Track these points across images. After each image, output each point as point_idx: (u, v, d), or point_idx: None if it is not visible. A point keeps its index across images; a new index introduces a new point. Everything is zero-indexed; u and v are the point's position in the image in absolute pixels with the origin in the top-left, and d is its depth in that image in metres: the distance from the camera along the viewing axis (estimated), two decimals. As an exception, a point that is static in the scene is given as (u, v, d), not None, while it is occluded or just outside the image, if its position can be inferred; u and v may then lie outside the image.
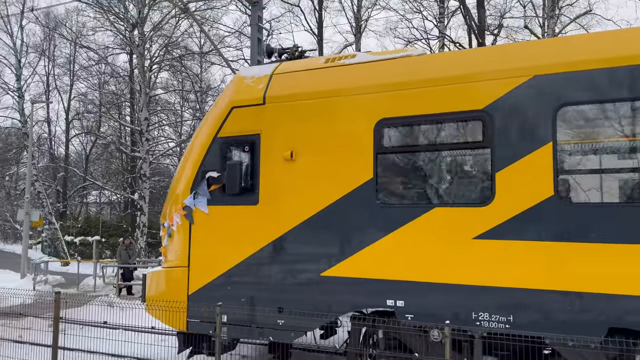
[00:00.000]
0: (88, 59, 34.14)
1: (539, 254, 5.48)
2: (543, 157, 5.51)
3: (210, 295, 7.03)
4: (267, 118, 7.09)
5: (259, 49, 14.09)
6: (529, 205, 5.53)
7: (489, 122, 5.79)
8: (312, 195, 6.66)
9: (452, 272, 5.84)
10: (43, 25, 35.46)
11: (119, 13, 27.95)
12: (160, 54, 30.49)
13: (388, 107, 6.35)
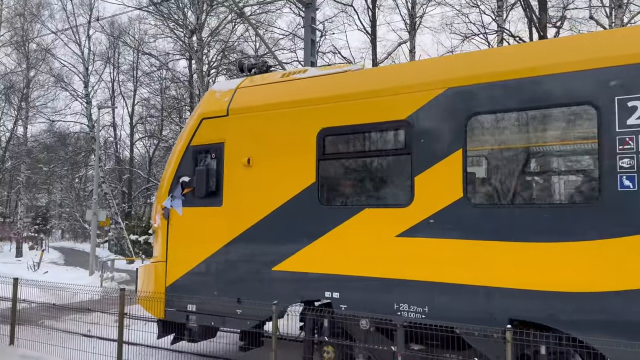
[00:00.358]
0: (150, 65, 35.53)
1: (449, 251, 6.00)
2: (454, 162, 6.03)
3: (184, 287, 7.91)
4: (230, 128, 7.89)
5: (312, 50, 14.15)
6: (442, 206, 6.07)
7: (409, 131, 6.37)
8: (266, 198, 7.41)
9: (377, 267, 6.45)
10: (108, 34, 37.24)
11: (178, 20, 28.93)
12: (217, 59, 31.30)
13: (328, 118, 7.01)
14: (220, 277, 7.68)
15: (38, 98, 40.51)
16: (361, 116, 6.79)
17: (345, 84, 7.22)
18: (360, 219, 6.64)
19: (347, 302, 6.64)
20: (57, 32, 36.48)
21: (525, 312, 5.57)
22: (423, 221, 6.18)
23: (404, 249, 6.30)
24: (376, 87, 6.82)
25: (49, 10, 40.00)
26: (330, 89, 7.23)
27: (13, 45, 39.25)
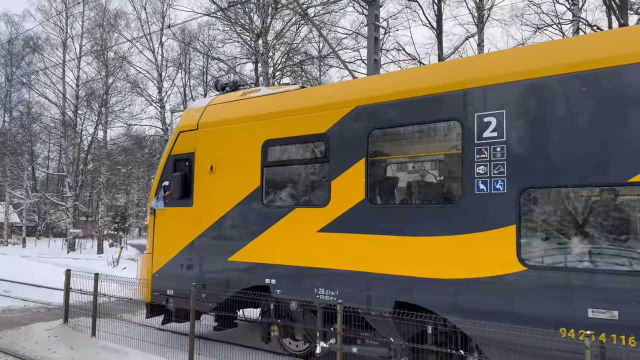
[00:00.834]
0: (218, 70, 36.68)
1: (354, 244, 7.10)
2: (359, 169, 7.14)
3: (165, 275, 9.48)
4: (198, 140, 9.29)
5: (376, 47, 14.01)
6: (350, 206, 7.19)
7: (328, 143, 7.54)
8: (224, 199, 8.70)
9: (303, 258, 7.63)
10: (179, 41, 38.80)
11: (244, 24, 29.64)
12: (282, 61, 31.79)
13: (269, 131, 8.27)
14: (192, 266, 9.15)
15: (116, 103, 42.99)
16: (293, 130, 8.02)
17: (283, 103, 8.50)
18: (291, 217, 7.88)
19: (280, 287, 7.88)
20: (132, 40, 38.56)
21: (406, 296, 6.61)
22: (337, 219, 7.34)
23: (322, 242, 7.45)
24: (305, 105, 8.06)
25: (125, 20, 42.33)
26: (273, 107, 8.56)
27: (93, 54, 41.88)
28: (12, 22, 47.61)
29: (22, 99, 48.36)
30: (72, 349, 9.33)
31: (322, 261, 7.41)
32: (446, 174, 6.93)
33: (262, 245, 8.14)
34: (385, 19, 25.86)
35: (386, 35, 26.40)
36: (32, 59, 45.92)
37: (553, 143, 5.68)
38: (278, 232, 7.98)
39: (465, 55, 24.45)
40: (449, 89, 6.48)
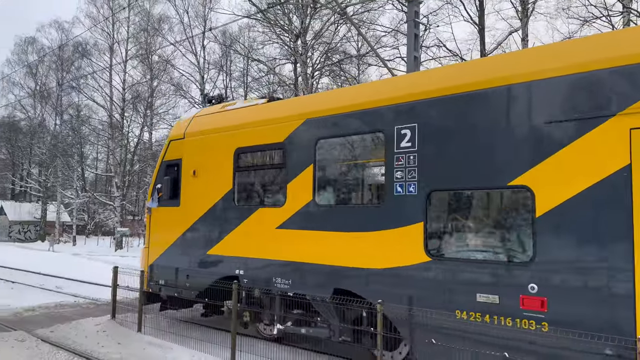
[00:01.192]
0: (258, 71, 37.12)
1: (304, 239, 8.08)
2: (309, 173, 8.11)
3: (158, 266, 10.71)
4: (185, 148, 10.51)
5: (416, 44, 13.82)
6: (301, 206, 8.16)
7: (285, 150, 8.57)
8: (204, 200, 9.86)
9: (264, 251, 8.67)
10: (220, 43, 39.50)
11: (284, 25, 29.87)
12: (320, 61, 31.85)
13: (240, 140, 9.37)
14: (178, 258, 10.27)
15: (160, 106, 44.26)
16: (259, 139, 9.09)
17: (252, 115, 9.55)
18: (256, 215, 8.93)
19: (247, 277, 8.92)
20: (175, 43, 39.52)
21: (342, 284, 7.56)
22: (291, 217, 8.32)
23: (279, 238, 8.46)
24: (268, 117, 9.15)
25: (168, 24, 43.45)
26: (244, 118, 9.60)
27: (139, 58, 43.21)
28: (62, 29, 49.77)
29: (72, 103, 50.39)
30: (120, 343, 9.64)
31: (279, 254, 8.48)
32: (374, 179, 7.85)
33: (233, 240, 9.28)
34: (425, 15, 25.48)
35: (426, 32, 26.03)
36: (81, 63, 47.84)
37: (452, 152, 6.58)
38: (245, 229, 9.10)
39: (509, 51, 23.81)
40: (376, 105, 7.51)
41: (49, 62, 50.50)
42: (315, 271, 7.88)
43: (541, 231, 5.79)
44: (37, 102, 52.49)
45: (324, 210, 7.96)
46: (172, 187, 10.52)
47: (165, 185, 10.57)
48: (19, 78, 52.55)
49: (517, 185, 6.02)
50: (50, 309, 12.94)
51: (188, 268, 10.01)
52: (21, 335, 9.77)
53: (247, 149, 9.30)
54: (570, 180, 5.64)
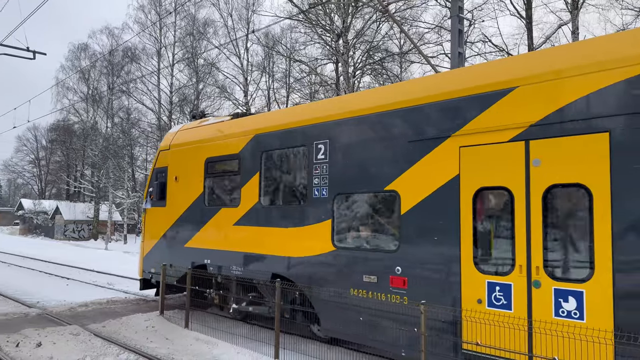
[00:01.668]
0: (300, 72, 37.34)
1: (252, 233, 9.87)
2: (256, 180, 9.94)
3: (150, 257, 12.73)
4: (170, 157, 12.42)
5: (460, 40, 13.53)
6: (250, 206, 9.98)
7: (240, 160, 10.34)
8: (183, 201, 11.77)
9: (224, 244, 10.49)
10: (263, 45, 39.95)
11: (325, 25, 29.92)
12: (362, 60, 31.71)
13: (209, 151, 11.21)
14: (164, 251, 12.23)
15: (206, 108, 45.11)
16: (222, 150, 10.88)
17: (218, 130, 11.34)
18: (220, 214, 10.73)
19: (212, 265, 10.78)
20: (220, 46, 40.28)
21: (277, 269, 9.28)
22: (243, 215, 10.13)
23: (235, 232, 10.25)
24: (229, 132, 10.93)
25: (213, 28, 44.30)
26: (212, 133, 11.44)
27: (185, 62, 44.30)
28: (112, 35, 51.52)
29: (122, 106, 52.13)
30: (168, 339, 9.90)
31: (235, 246, 10.24)
32: (300, 184, 9.24)
33: (203, 235, 11.09)
34: (469, 10, 24.93)
35: (471, 27, 25.44)
36: (131, 68, 49.42)
37: (349, 164, 8.28)
38: (212, 226, 10.89)
39: (558, 44, 22.94)
40: (303, 124, 9.21)
41: (100, 67, 52.45)
42: (259, 259, 9.72)
43: (404, 225, 7.44)
44: (89, 106, 54.63)
45: (265, 209, 9.75)
46: (160, 190, 12.46)
47: (155, 189, 12.59)
48: (72, 83, 54.85)
49: (389, 190, 7.69)
50: (102, 305, 13.44)
51: (170, 258, 11.96)
52: (75, 329, 10.20)
53: (214, 158, 11.11)
54: (423, 186, 7.25)
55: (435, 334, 6.79)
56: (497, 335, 6.28)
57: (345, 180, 8.29)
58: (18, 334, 9.67)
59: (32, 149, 78.87)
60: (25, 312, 12.19)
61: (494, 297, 6.46)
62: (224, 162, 10.84)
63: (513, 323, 6.12)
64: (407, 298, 7.21)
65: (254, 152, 10.03)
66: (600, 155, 5.75)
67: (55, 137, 65.67)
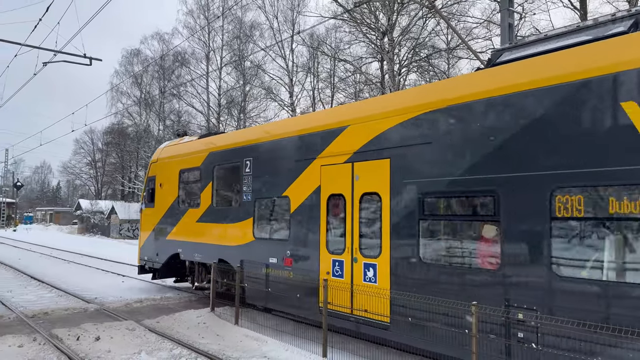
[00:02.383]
0: (345, 71, 37.31)
1: (206, 228, 12.80)
2: (210, 187, 12.77)
3: (144, 248, 15.91)
4: (157, 168, 15.70)
5: (510, 35, 13.15)
6: (207, 207, 12.85)
7: (200, 171, 13.24)
8: (165, 203, 14.85)
9: (191, 237, 13.41)
10: (308, 46, 40.20)
11: (370, 24, 29.75)
12: (408, 57, 31.32)
13: (182, 164, 14.26)
14: (153, 242, 15.34)
15: (253, 109, 45.86)
16: (189, 164, 13.91)
17: (188, 147, 14.45)
18: (188, 213, 13.71)
19: (183, 254, 13.88)
20: (266, 49, 40.81)
21: (221, 255, 12.17)
22: (202, 214, 13.02)
23: (197, 228, 13.18)
24: (194, 149, 13.95)
25: (259, 31, 44.95)
26: (184, 150, 14.59)
27: (232, 65, 45.16)
28: (163, 40, 53.16)
29: (173, 109, 53.68)
30: (219, 335, 10.13)
31: (197, 238, 13.21)
32: (236, 190, 12.01)
33: (178, 230, 14.18)
34: (520, 3, 24.17)
35: (521, 20, 24.68)
36: (181, 72, 50.83)
37: (263, 176, 11.14)
38: (183, 222, 13.93)
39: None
40: (238, 145, 12.11)
41: (152, 71, 54.22)
42: (211, 248, 12.58)
43: (292, 221, 10.23)
44: (142, 109, 56.62)
45: (215, 210, 12.66)
46: (150, 194, 15.80)
47: (147, 193, 16.07)
48: (126, 88, 56.97)
49: (284, 195, 10.49)
50: (156, 301, 13.90)
51: (156, 248, 15.14)
52: (131, 324, 10.59)
53: (185, 169, 14.15)
54: (302, 192, 10.01)
55: (304, 297, 9.67)
56: (336, 295, 8.89)
57: (261, 188, 11.14)
58: (78, 328, 10.14)
59: (89, 152, 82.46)
60: (85, 308, 12.77)
61: (335, 270, 9.15)
62: (191, 173, 13.87)
63: (343, 287, 8.84)
64: (292, 273, 10.05)
65: (209, 165, 12.96)
66: (385, 173, 8.32)
67: (111, 139, 68.38)
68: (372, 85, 32.58)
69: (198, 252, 13.11)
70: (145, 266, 15.74)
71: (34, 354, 8.68)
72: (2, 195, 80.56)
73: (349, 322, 8.70)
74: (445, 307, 7.11)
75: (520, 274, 6.46)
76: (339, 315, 8.85)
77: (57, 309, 12.48)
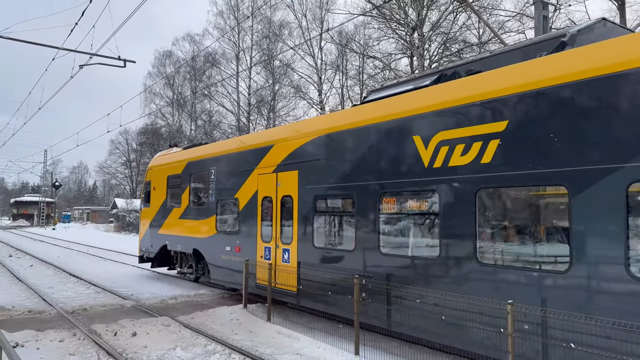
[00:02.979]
0: (374, 68, 37.08)
1: (185, 223, 15.86)
2: (188, 189, 15.85)
3: (142, 241, 19.10)
4: (152, 174, 18.85)
5: (545, 27, 12.81)
6: (185, 206, 15.93)
7: (181, 178, 16.34)
8: (157, 203, 17.94)
9: (175, 231, 16.48)
10: (337, 44, 40.12)
11: (399, 19, 29.49)
12: (438, 52, 30.91)
13: (169, 171, 17.24)
14: (149, 236, 18.36)
15: (282, 108, 46.11)
16: (174, 171, 16.85)
17: (173, 157, 17.63)
18: (173, 212, 16.58)
19: (169, 245, 16.79)
20: (295, 47, 40.94)
21: (195, 246, 15.25)
22: (182, 212, 16.01)
23: (179, 223, 16.13)
24: (177, 159, 17.01)
25: (288, 29, 45.11)
26: (171, 159, 17.65)
27: (262, 64, 45.50)
28: (194, 41, 53.92)
29: (205, 109, 54.36)
30: (251, 331, 10.23)
31: (179, 232, 16.09)
32: (205, 193, 14.83)
33: (166, 225, 17.05)
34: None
35: (556, 12, 24.04)
36: (211, 72, 51.48)
37: (222, 182, 13.99)
38: (170, 219, 16.90)
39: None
40: (206, 157, 15.00)
41: (183, 72, 55.10)
42: (188, 240, 15.52)
43: (240, 217, 12.93)
44: (174, 110, 57.60)
45: (192, 208, 15.52)
46: (147, 196, 18.94)
47: (145, 195, 19.24)
48: (158, 89, 58.05)
49: (235, 197, 13.19)
50: (190, 298, 14.14)
51: (151, 241, 18.15)
52: (166, 320, 10.80)
53: (171, 176, 17.05)
54: (246, 195, 12.73)
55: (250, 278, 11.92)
56: (265, 273, 11.34)
57: (221, 191, 14.00)
58: (116, 323, 10.40)
59: (124, 152, 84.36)
60: (121, 304, 13.10)
61: (265, 254, 11.88)
62: (175, 178, 16.75)
63: (269, 267, 11.20)
64: (241, 258, 12.27)
65: (187, 172, 15.96)
66: (295, 181, 10.98)
67: (144, 140, 69.76)
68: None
69: (179, 243, 16.15)
70: (143, 256, 18.94)
71: (74, 348, 8.94)
72: (41, 195, 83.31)
73: (273, 293, 11.12)
74: (333, 277, 9.64)
75: (365, 252, 9.14)
76: (263, 287, 11.51)
77: (95, 305, 12.83)
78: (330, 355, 8.55)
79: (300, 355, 8.62)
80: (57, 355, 8.48)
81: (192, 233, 15.26)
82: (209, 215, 14.40)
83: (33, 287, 15.64)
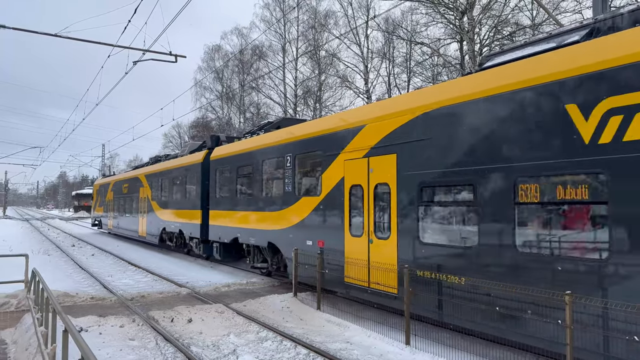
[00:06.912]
0: (422, 54, 36.36)
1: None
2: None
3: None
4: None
5: (604, 6, 12.12)
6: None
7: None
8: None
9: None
10: (383, 31, 39.57)
11: (448, 3, 28.74)
12: (489, 36, 29.94)
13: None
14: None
15: (328, 98, 46.04)
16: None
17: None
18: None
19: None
20: (340, 36, 40.72)
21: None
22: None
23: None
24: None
25: (333, 19, 44.89)
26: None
27: (308, 55, 45.57)
28: (242, 35, 54.59)
29: (253, 102, 55.07)
30: (302, 319, 10.37)
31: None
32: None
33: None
34: (614, -30, 22.23)
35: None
36: (259, 65, 52.04)
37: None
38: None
39: None
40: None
41: (232, 66, 55.98)
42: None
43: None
44: (224, 103, 58.70)
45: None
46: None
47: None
48: (208, 83, 59.30)
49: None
50: (242, 286, 14.47)
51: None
52: (220, 307, 11.10)
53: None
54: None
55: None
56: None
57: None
58: (172, 310, 10.79)
59: (177, 145, 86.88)
60: (177, 291, 13.57)
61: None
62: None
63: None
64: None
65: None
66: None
67: (196, 133, 71.43)
68: (450, 68, 31.53)
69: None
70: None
71: (134, 333, 9.35)
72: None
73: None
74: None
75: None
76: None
77: (153, 292, 13.36)
78: (380, 344, 8.55)
79: (350, 344, 8.67)
80: (118, 339, 8.90)
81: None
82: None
83: (95, 275, 16.45)
